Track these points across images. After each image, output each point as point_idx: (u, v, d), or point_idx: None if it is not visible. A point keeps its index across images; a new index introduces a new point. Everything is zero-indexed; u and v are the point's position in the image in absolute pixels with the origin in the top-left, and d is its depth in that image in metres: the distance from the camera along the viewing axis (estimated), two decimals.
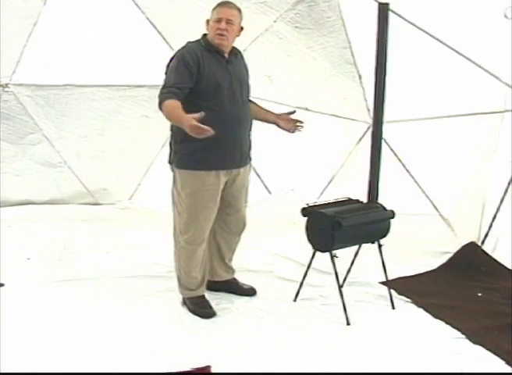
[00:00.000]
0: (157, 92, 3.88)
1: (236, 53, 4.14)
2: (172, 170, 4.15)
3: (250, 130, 4.21)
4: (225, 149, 4.01)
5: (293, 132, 4.34)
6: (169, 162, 4.16)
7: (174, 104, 3.77)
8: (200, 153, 3.96)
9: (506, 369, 3.58)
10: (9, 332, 3.83)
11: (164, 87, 3.89)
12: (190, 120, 3.54)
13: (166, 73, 4.00)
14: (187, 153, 4.00)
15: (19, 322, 4.00)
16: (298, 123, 4.31)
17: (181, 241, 4.16)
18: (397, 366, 3.57)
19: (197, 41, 4.06)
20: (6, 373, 3.38)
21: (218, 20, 3.94)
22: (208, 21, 4.03)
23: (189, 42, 4.07)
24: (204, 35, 4.06)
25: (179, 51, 4.03)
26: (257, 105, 4.40)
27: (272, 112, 4.40)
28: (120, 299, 4.38)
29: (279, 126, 4.33)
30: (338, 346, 3.80)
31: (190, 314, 4.19)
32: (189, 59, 3.90)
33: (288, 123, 4.31)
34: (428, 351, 3.75)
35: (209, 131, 3.51)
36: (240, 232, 4.43)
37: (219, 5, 4.01)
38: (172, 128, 4.07)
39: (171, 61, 4.01)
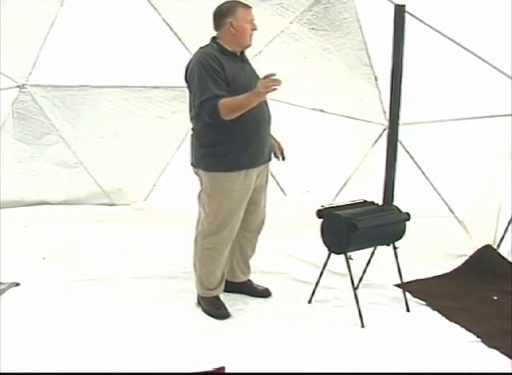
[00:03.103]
0: (172, 93, 3.86)
1: (243, 52, 4.13)
2: (197, 174, 4.11)
3: (270, 125, 4.20)
4: (254, 147, 4.00)
5: (277, 159, 4.35)
6: (193, 165, 4.12)
7: (227, 100, 3.78)
8: (232, 154, 3.94)
9: None
10: (24, 332, 3.87)
11: (206, 99, 3.79)
12: (257, 89, 3.66)
13: (191, 81, 3.93)
14: (219, 155, 3.95)
15: (35, 321, 4.02)
16: (281, 158, 4.33)
17: (206, 243, 4.12)
18: (411, 369, 3.55)
19: (209, 45, 4.00)
20: (8, 373, 3.39)
21: (251, 21, 3.97)
22: (231, 23, 3.92)
23: (201, 48, 4.02)
24: (213, 38, 4.01)
25: (197, 58, 3.95)
26: None
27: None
28: (135, 299, 4.39)
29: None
30: (352, 348, 3.80)
31: (205, 315, 4.19)
32: (215, 66, 3.83)
33: (277, 149, 4.32)
34: (442, 355, 3.73)
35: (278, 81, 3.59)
36: (260, 230, 4.43)
37: (246, 6, 3.98)
38: (201, 133, 4.02)
39: (190, 68, 3.95)
